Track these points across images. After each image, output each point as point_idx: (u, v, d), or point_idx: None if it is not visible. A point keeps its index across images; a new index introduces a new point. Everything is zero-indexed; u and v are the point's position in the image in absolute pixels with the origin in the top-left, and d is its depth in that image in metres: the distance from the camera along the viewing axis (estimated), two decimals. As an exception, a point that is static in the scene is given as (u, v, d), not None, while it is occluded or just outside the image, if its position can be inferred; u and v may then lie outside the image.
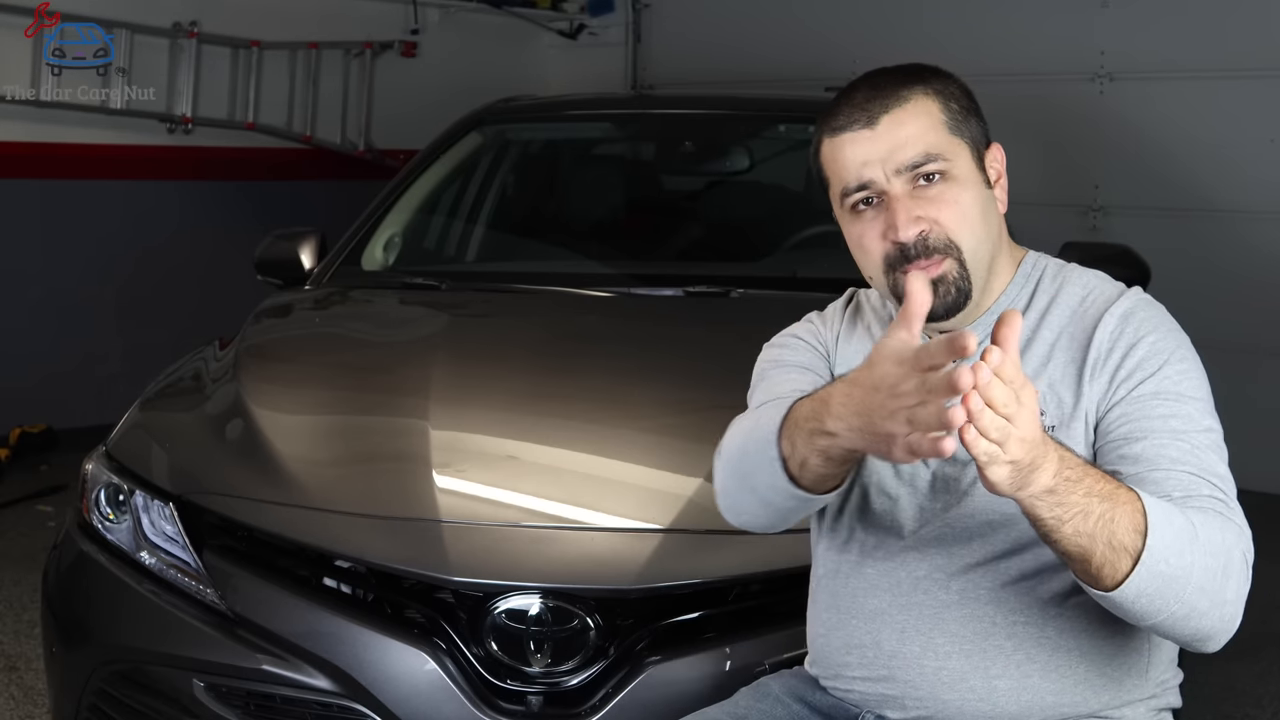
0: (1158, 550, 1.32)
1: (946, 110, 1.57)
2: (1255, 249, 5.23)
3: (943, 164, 1.54)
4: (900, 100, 1.56)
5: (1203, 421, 1.49)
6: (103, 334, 5.93)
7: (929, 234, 1.53)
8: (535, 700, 2.02)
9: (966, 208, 1.55)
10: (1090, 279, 1.63)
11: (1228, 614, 1.39)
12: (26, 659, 3.57)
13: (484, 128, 3.88)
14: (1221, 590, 1.38)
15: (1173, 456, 1.45)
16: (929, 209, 1.53)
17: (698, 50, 6.82)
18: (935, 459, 1.56)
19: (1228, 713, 3.36)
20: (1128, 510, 1.31)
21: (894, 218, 1.53)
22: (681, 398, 2.53)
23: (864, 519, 1.64)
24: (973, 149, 1.58)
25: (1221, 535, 1.39)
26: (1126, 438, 1.47)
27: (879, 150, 1.54)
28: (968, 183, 1.56)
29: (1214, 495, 1.43)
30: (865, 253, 1.59)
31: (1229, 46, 5.20)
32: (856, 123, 1.56)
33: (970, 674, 1.54)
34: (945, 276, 1.54)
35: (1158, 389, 1.49)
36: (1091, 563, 1.32)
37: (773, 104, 4.18)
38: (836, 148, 1.58)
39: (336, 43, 6.54)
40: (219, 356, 2.85)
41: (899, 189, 1.54)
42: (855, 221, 1.59)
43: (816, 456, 1.40)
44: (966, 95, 1.61)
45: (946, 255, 1.54)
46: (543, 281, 3.29)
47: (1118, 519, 1.31)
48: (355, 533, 2.16)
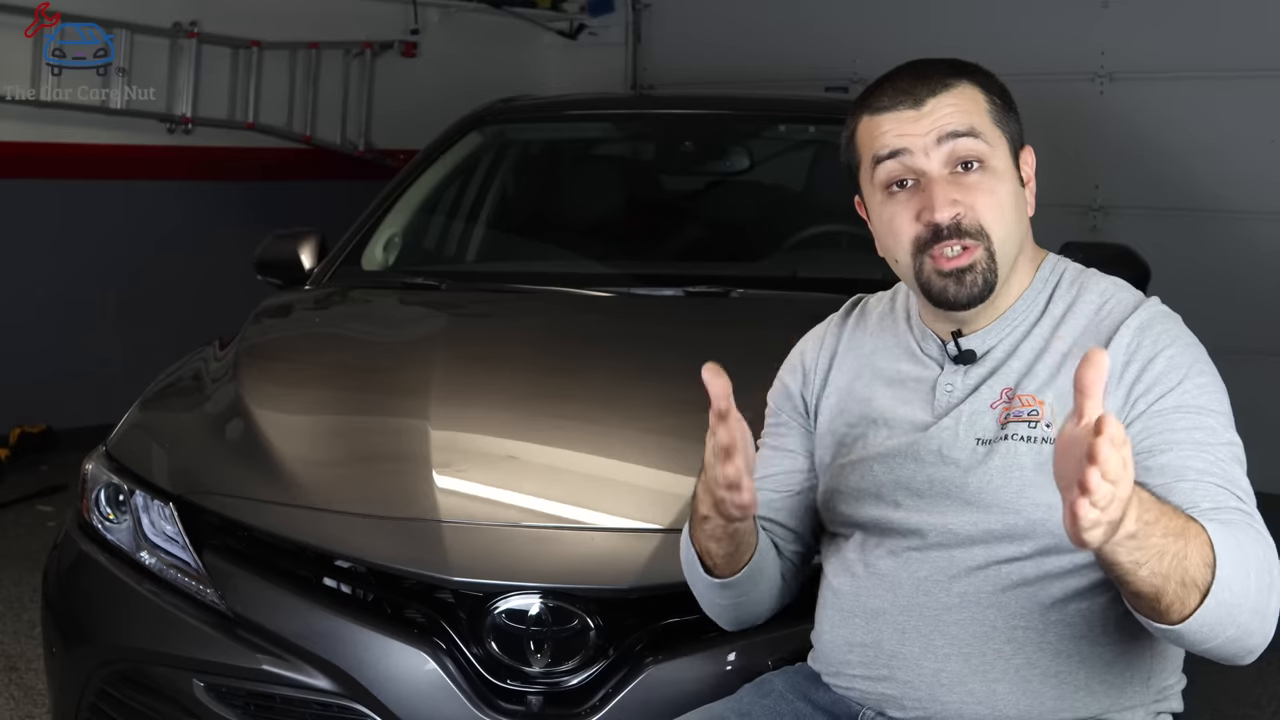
0: (1224, 581, 1.32)
1: (991, 102, 1.58)
2: (1255, 249, 5.23)
3: (984, 147, 1.55)
4: (947, 86, 1.56)
5: (1225, 435, 1.48)
6: (103, 334, 5.93)
7: (963, 218, 1.53)
8: (535, 700, 2.02)
9: (1002, 198, 1.55)
10: (1108, 286, 1.62)
11: (1268, 627, 1.40)
12: (26, 659, 3.57)
13: (484, 128, 3.88)
14: (1267, 605, 1.38)
15: (1199, 468, 1.44)
16: (965, 195, 1.54)
17: (698, 50, 6.82)
18: (938, 462, 1.57)
19: (1228, 713, 3.36)
20: (1198, 545, 1.31)
21: (931, 199, 1.53)
22: (681, 398, 2.51)
23: (866, 519, 1.64)
24: (1011, 145, 1.59)
25: (1263, 550, 1.39)
26: (1150, 450, 1.46)
27: (922, 127, 1.55)
28: (1004, 175, 1.57)
29: (1240, 508, 1.43)
30: (895, 235, 1.58)
31: (1229, 47, 5.20)
32: (902, 103, 1.56)
33: (969, 677, 1.54)
34: (974, 265, 1.54)
35: (1179, 402, 1.48)
36: (1162, 601, 1.31)
37: (773, 104, 4.18)
38: (876, 124, 1.58)
39: (336, 43, 6.54)
40: (219, 356, 2.85)
41: (937, 170, 1.54)
42: (888, 203, 1.58)
43: (707, 540, 1.61)
44: (1006, 93, 1.62)
45: (978, 243, 1.54)
46: (543, 281, 3.29)
47: (1190, 555, 1.30)
48: (355, 533, 2.16)
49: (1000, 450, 1.53)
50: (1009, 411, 1.55)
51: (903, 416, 1.63)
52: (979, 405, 1.57)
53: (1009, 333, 1.60)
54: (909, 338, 1.69)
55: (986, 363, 1.60)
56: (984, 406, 1.57)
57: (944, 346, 1.63)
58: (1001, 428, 1.54)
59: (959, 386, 1.60)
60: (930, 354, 1.65)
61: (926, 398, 1.62)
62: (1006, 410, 1.55)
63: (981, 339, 1.61)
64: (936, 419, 1.60)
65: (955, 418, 1.58)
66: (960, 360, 1.61)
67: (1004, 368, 1.58)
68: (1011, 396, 1.56)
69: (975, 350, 1.60)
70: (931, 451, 1.58)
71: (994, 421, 1.55)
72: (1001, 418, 1.55)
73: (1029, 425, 1.53)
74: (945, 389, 1.61)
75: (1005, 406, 1.55)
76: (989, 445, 1.54)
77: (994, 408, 1.56)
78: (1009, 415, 1.54)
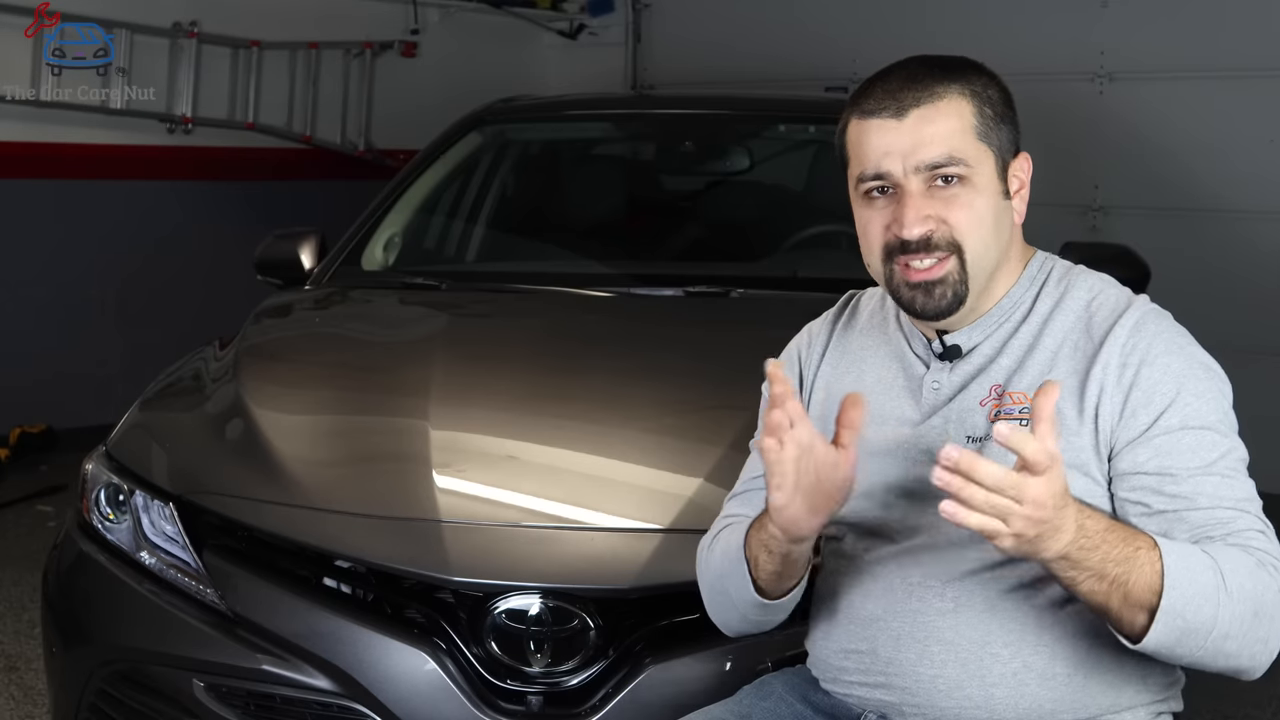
0: (1175, 607, 1.36)
1: (979, 115, 1.56)
2: (1255, 249, 5.23)
3: (963, 169, 1.53)
4: (934, 96, 1.54)
5: (1225, 444, 1.49)
6: (103, 334, 5.93)
7: (934, 233, 1.53)
8: (535, 700, 2.02)
9: (980, 213, 1.54)
10: (1095, 283, 1.61)
11: (1264, 650, 1.43)
12: (26, 659, 3.57)
13: (484, 128, 3.88)
14: (1252, 632, 1.40)
15: (1209, 494, 1.46)
16: (940, 209, 1.53)
17: (698, 50, 6.82)
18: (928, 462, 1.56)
19: (1228, 713, 3.36)
20: (1146, 573, 1.37)
21: (903, 213, 1.53)
22: (681, 398, 2.53)
23: (859, 523, 1.63)
24: (998, 158, 1.57)
25: (1253, 579, 1.41)
26: (1160, 472, 1.47)
27: (902, 144, 1.53)
28: (985, 190, 1.55)
29: (1253, 527, 1.45)
30: (868, 240, 1.60)
31: (1229, 46, 5.20)
32: (886, 110, 1.55)
33: (967, 682, 1.53)
34: (945, 278, 1.54)
35: (1183, 420, 1.48)
36: (1109, 616, 1.40)
37: (773, 104, 4.19)
38: (862, 131, 1.57)
39: (336, 43, 6.54)
40: (219, 356, 2.85)
41: (914, 186, 1.53)
42: (866, 207, 1.59)
43: (762, 552, 1.56)
44: (1004, 100, 1.59)
45: (949, 255, 1.53)
46: (543, 281, 3.29)
47: (1133, 582, 1.37)
48: (355, 533, 2.16)
49: (992, 448, 1.52)
50: (999, 409, 1.54)
51: (890, 415, 1.62)
52: (968, 403, 1.57)
53: (995, 329, 1.60)
54: (897, 335, 1.68)
55: (973, 359, 1.59)
56: (973, 404, 1.57)
57: (930, 344, 1.63)
58: (992, 425, 1.53)
59: (946, 384, 1.60)
60: (917, 352, 1.65)
61: (914, 395, 1.62)
62: (997, 408, 1.55)
63: (967, 335, 1.60)
64: (924, 417, 1.59)
65: (944, 416, 1.58)
66: (945, 356, 1.60)
67: (992, 365, 1.58)
68: (1002, 394, 1.55)
69: (961, 346, 1.60)
70: (921, 451, 1.58)
71: (984, 419, 1.55)
72: (991, 415, 1.55)
73: (1021, 423, 1.51)
74: (932, 386, 1.60)
75: (995, 404, 1.55)
76: (980, 444, 1.54)
77: (983, 405, 1.56)
78: (1000, 412, 1.54)
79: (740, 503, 1.74)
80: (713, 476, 2.15)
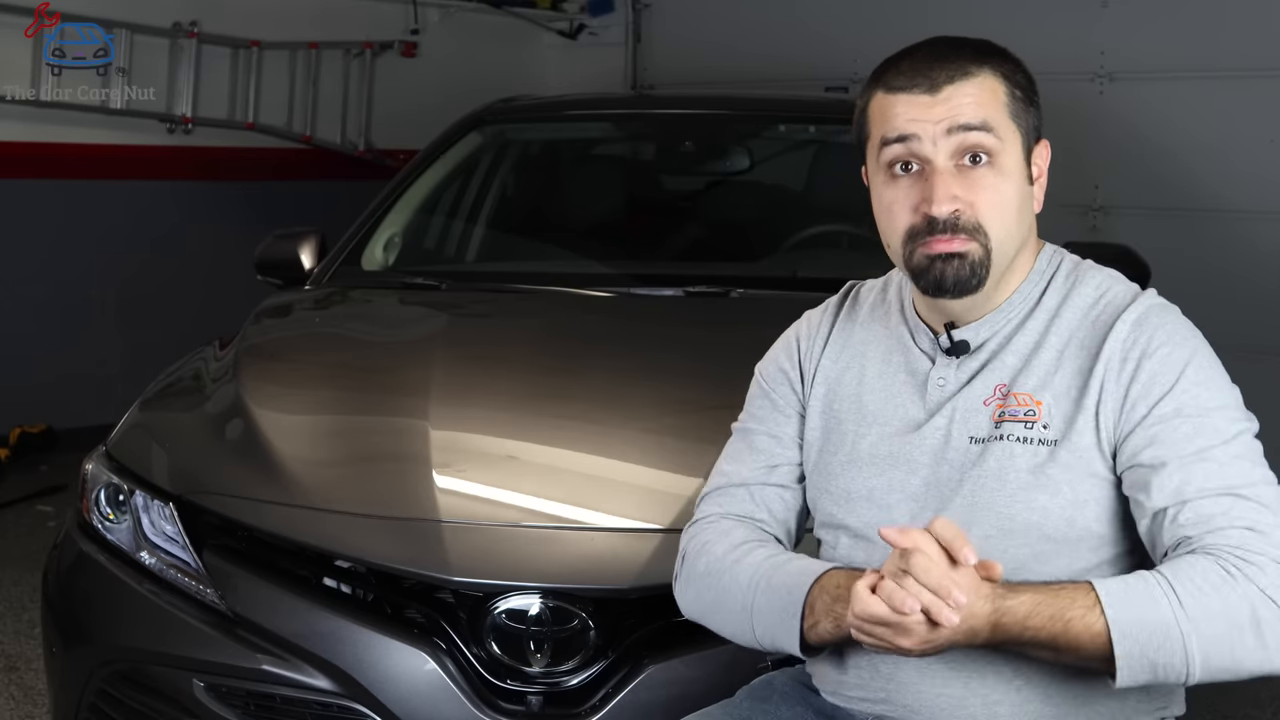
0: (1132, 654, 1.36)
1: (1010, 95, 1.54)
2: (1255, 249, 5.22)
3: (995, 142, 1.51)
4: (967, 74, 1.52)
5: (1229, 430, 1.45)
6: (103, 334, 5.93)
7: (961, 214, 1.50)
8: (535, 700, 2.02)
9: (1005, 198, 1.52)
10: (1104, 279, 1.59)
11: (1261, 656, 1.38)
12: (26, 659, 3.57)
13: (484, 128, 3.88)
14: (1239, 644, 1.37)
15: (1198, 484, 1.42)
16: (968, 191, 1.50)
17: (698, 50, 6.81)
18: (932, 464, 1.55)
19: (1227, 713, 3.36)
20: (1090, 634, 1.37)
21: (932, 190, 1.50)
22: (681, 398, 2.53)
23: (855, 524, 1.61)
24: (1024, 141, 1.55)
25: (1219, 595, 1.37)
26: (1152, 464, 1.44)
27: (935, 114, 1.51)
28: (1011, 174, 1.53)
29: (1243, 519, 1.40)
30: (892, 220, 1.55)
31: (1229, 46, 5.20)
32: (918, 86, 1.52)
33: (969, 699, 1.51)
34: (967, 255, 1.50)
35: (1178, 406, 1.46)
36: (1077, 666, 1.43)
37: (773, 104, 4.19)
38: (889, 103, 1.54)
39: (336, 43, 6.54)
40: (219, 356, 2.85)
41: (943, 161, 1.50)
42: (889, 186, 1.55)
43: (828, 621, 1.50)
44: (1030, 84, 1.58)
45: (973, 238, 1.51)
46: (543, 281, 3.29)
47: (1082, 644, 1.38)
48: (355, 533, 2.16)
49: (995, 450, 1.51)
50: (1004, 409, 1.52)
51: (894, 413, 1.60)
52: (972, 401, 1.55)
53: (1003, 325, 1.57)
54: (902, 329, 1.65)
55: (979, 355, 1.57)
56: (977, 403, 1.54)
57: (936, 339, 1.60)
58: (996, 426, 1.52)
59: (951, 380, 1.57)
60: (923, 347, 1.62)
61: (918, 391, 1.59)
62: (1001, 408, 1.52)
63: (975, 331, 1.57)
64: (929, 415, 1.57)
65: (947, 415, 1.55)
66: (953, 352, 1.58)
67: (997, 361, 1.55)
68: (1006, 394, 1.53)
69: (969, 341, 1.57)
70: (925, 453, 1.56)
71: (988, 419, 1.53)
72: (995, 415, 1.52)
73: (1025, 426, 1.50)
74: (937, 383, 1.58)
75: (1000, 404, 1.53)
76: (983, 444, 1.52)
77: (987, 404, 1.53)
78: (1004, 414, 1.52)
79: (746, 498, 1.68)
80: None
